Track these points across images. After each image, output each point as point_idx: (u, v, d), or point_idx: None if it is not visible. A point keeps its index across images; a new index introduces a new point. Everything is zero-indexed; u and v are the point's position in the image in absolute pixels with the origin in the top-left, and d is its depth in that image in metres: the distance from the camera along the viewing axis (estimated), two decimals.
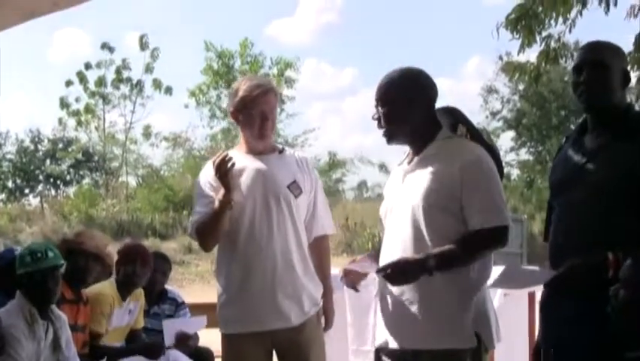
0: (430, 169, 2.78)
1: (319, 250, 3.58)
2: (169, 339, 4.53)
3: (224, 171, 3.17)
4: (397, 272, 2.70)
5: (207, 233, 3.34)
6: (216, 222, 3.27)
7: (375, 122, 2.91)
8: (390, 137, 2.91)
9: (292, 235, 3.39)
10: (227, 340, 3.45)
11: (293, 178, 3.43)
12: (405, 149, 3.00)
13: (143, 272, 4.50)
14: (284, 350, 3.42)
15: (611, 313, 2.36)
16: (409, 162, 2.93)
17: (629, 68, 2.92)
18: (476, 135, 2.94)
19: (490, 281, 2.82)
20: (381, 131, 2.91)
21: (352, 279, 3.20)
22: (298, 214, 3.43)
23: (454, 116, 3.02)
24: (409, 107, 2.84)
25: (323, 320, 3.55)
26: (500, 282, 2.71)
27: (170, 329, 4.58)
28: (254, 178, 3.39)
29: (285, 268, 3.34)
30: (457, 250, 2.69)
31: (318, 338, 3.48)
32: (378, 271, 2.77)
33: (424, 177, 2.78)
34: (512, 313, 4.75)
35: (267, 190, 3.37)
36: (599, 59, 2.72)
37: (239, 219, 3.35)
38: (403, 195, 2.86)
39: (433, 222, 2.73)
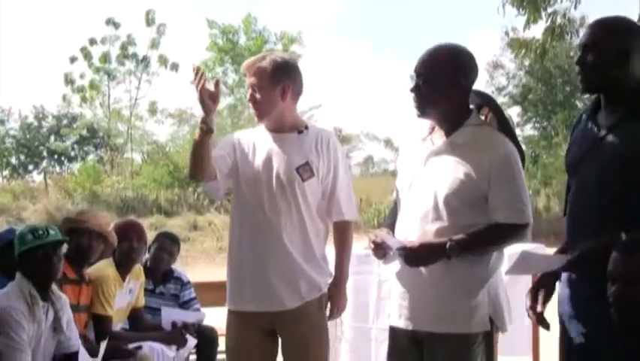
0: (457, 158, 2.79)
1: (337, 235, 3.47)
2: (165, 326, 4.59)
3: (200, 88, 3.05)
4: (417, 254, 2.73)
5: (190, 161, 3.22)
6: (196, 151, 3.17)
7: (411, 93, 2.87)
8: (423, 113, 2.90)
9: (295, 219, 3.30)
10: (229, 316, 3.46)
11: (305, 160, 3.31)
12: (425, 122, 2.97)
13: (140, 246, 4.49)
14: (283, 333, 3.40)
15: (613, 312, 2.31)
16: (433, 141, 2.91)
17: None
18: (505, 126, 2.91)
19: (504, 268, 2.83)
20: (413, 102, 2.89)
21: (382, 253, 2.92)
22: (304, 198, 3.30)
23: (487, 101, 2.98)
24: (451, 90, 2.83)
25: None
26: (515, 269, 2.71)
27: (168, 316, 4.62)
28: (263, 158, 3.34)
29: (282, 252, 3.28)
30: (478, 239, 2.73)
31: (319, 323, 3.40)
32: (399, 249, 2.77)
33: (450, 165, 2.79)
34: (515, 294, 4.71)
35: (272, 172, 3.31)
36: (588, 42, 2.67)
37: (247, 197, 3.34)
38: (425, 177, 2.85)
39: (454, 210, 2.76)
